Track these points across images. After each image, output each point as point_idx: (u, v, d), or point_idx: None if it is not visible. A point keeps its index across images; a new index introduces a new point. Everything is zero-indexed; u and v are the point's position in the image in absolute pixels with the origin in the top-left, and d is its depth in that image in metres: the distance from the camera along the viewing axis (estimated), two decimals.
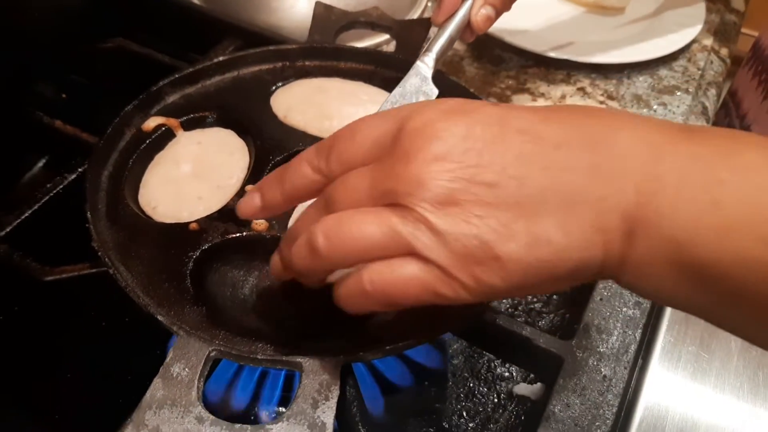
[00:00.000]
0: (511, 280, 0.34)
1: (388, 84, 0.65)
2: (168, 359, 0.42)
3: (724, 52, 0.88)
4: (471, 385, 0.58)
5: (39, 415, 0.52)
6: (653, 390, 0.52)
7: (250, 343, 0.45)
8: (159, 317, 0.45)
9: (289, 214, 0.55)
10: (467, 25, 0.60)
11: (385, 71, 0.67)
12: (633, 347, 0.52)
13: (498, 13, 0.61)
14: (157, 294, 0.48)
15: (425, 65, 0.58)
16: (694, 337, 0.56)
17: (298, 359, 0.43)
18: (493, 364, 0.59)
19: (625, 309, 0.54)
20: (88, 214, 0.50)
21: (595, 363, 0.51)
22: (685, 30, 0.86)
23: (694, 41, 0.86)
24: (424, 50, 0.59)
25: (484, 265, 0.33)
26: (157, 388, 0.41)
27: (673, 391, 0.52)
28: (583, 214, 0.33)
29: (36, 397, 0.54)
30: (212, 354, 0.43)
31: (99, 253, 0.48)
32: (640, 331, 0.53)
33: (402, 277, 0.35)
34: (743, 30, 1.07)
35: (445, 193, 0.33)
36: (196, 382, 0.41)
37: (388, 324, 0.47)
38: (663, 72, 0.83)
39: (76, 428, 0.49)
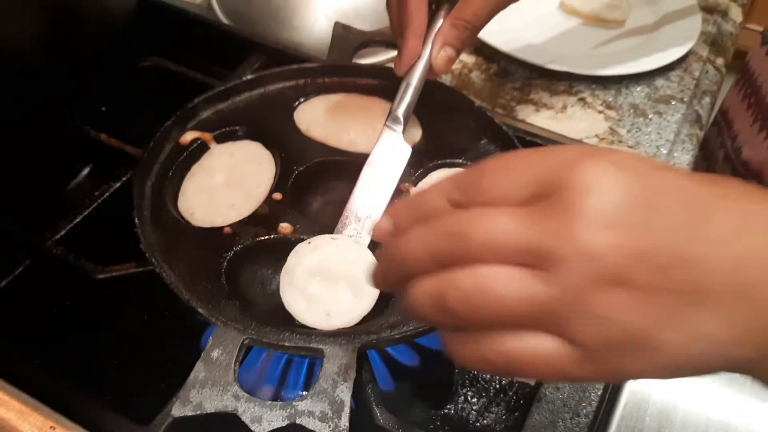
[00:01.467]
0: (654, 370, 0.30)
1: None
2: (208, 345, 0.49)
3: (719, 61, 0.93)
4: (475, 372, 0.64)
5: (93, 397, 0.59)
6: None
7: (278, 332, 0.52)
8: (200, 310, 0.52)
9: (311, 218, 0.61)
10: (430, 68, 0.62)
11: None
12: None
13: (458, 52, 0.62)
14: (197, 290, 0.54)
15: (392, 130, 0.62)
16: None
17: (321, 346, 0.50)
18: None
19: None
20: (136, 220, 0.57)
21: None
22: (681, 41, 0.91)
23: (690, 52, 0.92)
24: (390, 111, 0.63)
25: (635, 355, 0.30)
26: (199, 370, 0.48)
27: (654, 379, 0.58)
28: (750, 309, 0.29)
29: (89, 381, 0.61)
30: (246, 342, 0.50)
31: (146, 255, 0.55)
32: None
33: (533, 354, 0.31)
34: (748, 26, 1.12)
35: (614, 272, 0.29)
36: (232, 365, 0.48)
37: (400, 313, 0.54)
38: (660, 82, 0.88)
39: (127, 407, 0.55)
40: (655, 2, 0.98)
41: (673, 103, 0.86)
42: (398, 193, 0.63)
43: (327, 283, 0.55)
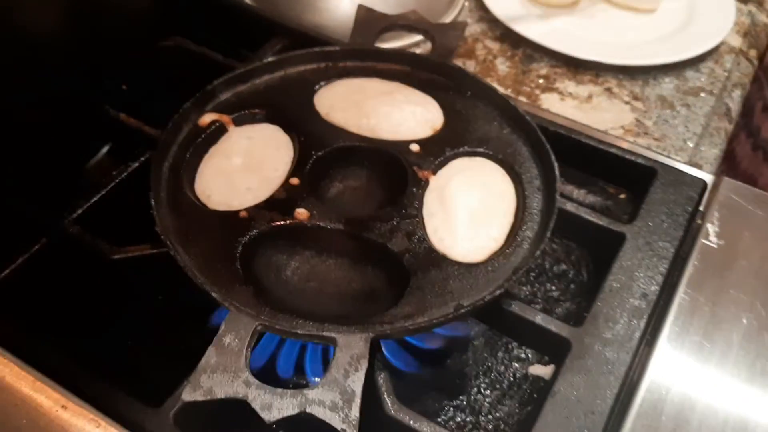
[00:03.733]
0: None
1: (424, 84, 0.71)
2: (221, 331, 0.49)
3: (752, 53, 0.91)
4: (489, 364, 0.64)
5: (105, 377, 0.59)
6: (655, 373, 0.57)
7: (291, 319, 0.51)
8: (213, 294, 0.51)
9: (328, 205, 0.61)
10: None
11: (421, 72, 0.72)
12: (637, 334, 0.57)
13: None
14: (211, 274, 0.54)
15: None
16: (698, 327, 0.60)
17: (333, 335, 0.49)
18: (510, 346, 0.65)
19: (632, 300, 0.59)
20: (152, 202, 0.57)
21: (600, 348, 0.56)
22: (714, 32, 0.89)
23: (722, 43, 0.89)
24: None
25: None
26: (211, 356, 0.48)
27: (674, 375, 0.57)
28: None
29: (102, 361, 0.61)
30: (258, 328, 0.50)
31: (161, 237, 0.55)
32: (644, 320, 0.58)
33: None
34: None
35: None
36: (244, 351, 0.48)
37: (415, 304, 0.53)
38: (689, 73, 0.86)
39: (138, 388, 0.55)
40: None
41: (703, 95, 0.84)
42: (418, 180, 0.62)
43: None
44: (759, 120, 0.88)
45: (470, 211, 0.60)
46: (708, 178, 0.71)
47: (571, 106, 0.81)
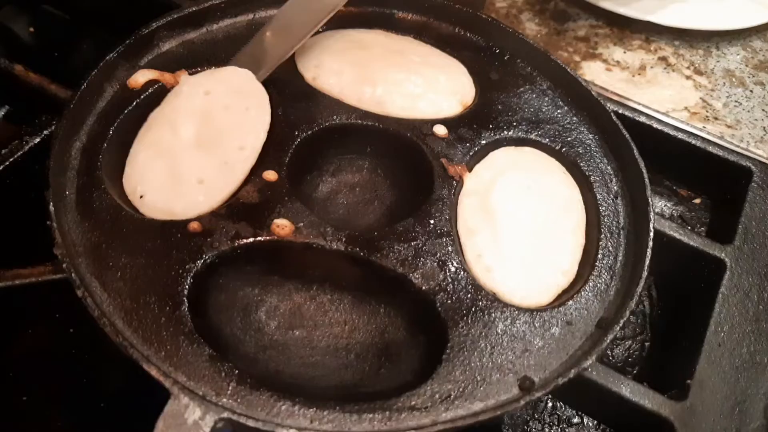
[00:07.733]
0: None
1: (444, 42, 0.53)
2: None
3: None
4: (531, 429, 0.46)
5: None
6: None
7: (273, 400, 0.33)
8: (145, 366, 0.32)
9: (320, 211, 0.41)
10: None
11: (440, 25, 0.53)
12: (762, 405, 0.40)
13: None
14: (143, 324, 0.35)
15: None
16: None
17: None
18: (558, 404, 0.47)
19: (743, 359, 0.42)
20: (51, 207, 0.37)
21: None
22: None
23: None
24: None
25: None
26: None
27: None
28: None
29: None
30: (219, 425, 0.31)
31: (64, 265, 0.35)
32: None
33: None
34: None
35: None
36: None
37: (459, 375, 0.35)
38: (757, 43, 0.70)
39: None
40: None
41: None
42: (448, 178, 0.43)
43: None
44: None
45: (528, 229, 0.42)
46: None
47: (620, 78, 0.64)
